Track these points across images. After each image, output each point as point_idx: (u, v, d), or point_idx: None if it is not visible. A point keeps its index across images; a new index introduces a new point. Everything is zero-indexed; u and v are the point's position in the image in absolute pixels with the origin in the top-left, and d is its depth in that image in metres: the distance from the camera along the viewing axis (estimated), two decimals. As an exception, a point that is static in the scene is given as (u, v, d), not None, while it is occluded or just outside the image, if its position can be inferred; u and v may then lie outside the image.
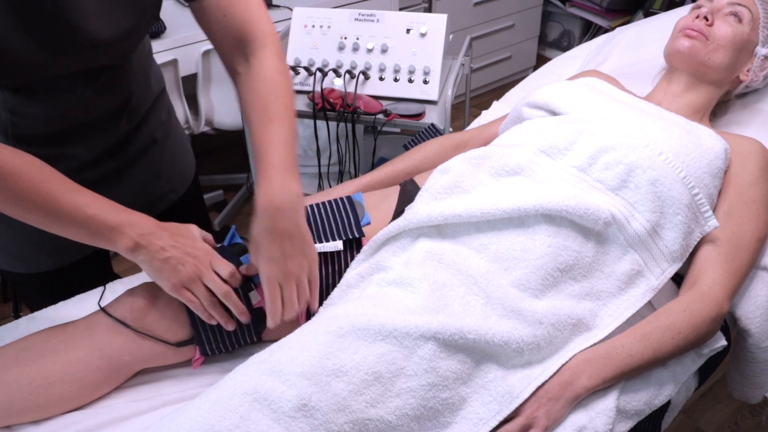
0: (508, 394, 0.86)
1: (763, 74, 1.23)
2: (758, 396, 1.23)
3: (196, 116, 2.09)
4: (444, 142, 1.28)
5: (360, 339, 0.83)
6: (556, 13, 3.51)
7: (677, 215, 0.99)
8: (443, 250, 0.95)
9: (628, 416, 0.93)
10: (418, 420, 0.83)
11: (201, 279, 0.87)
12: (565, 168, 1.03)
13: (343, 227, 1.03)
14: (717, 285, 0.98)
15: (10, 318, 1.93)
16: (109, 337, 0.93)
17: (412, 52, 1.72)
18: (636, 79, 1.38)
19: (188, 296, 0.88)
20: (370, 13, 1.76)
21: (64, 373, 0.90)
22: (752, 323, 1.07)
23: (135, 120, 1.06)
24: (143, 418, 0.91)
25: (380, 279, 0.95)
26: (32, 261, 1.06)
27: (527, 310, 0.90)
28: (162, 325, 0.94)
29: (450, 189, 1.00)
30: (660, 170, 0.99)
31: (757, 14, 1.18)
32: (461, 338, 0.84)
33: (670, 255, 0.99)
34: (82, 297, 1.09)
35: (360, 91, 1.70)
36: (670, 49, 1.21)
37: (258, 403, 0.79)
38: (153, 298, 0.95)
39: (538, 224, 0.95)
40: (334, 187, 1.22)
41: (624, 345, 0.92)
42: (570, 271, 0.95)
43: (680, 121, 1.09)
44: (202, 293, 0.88)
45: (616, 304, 0.97)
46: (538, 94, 1.19)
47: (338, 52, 1.75)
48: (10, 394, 0.88)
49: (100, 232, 0.83)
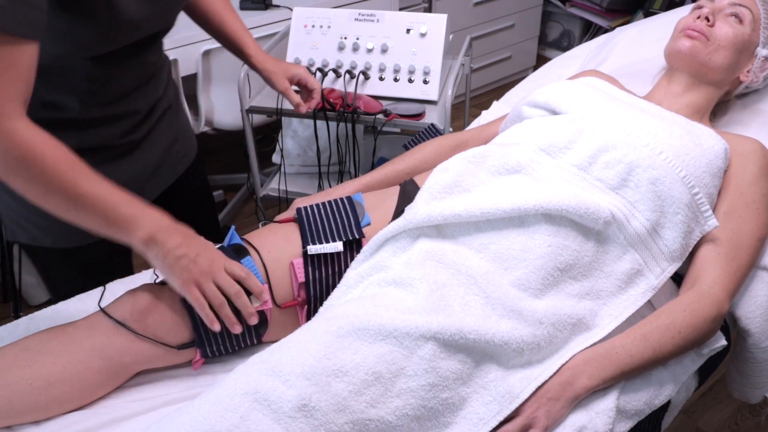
0: (508, 394, 0.86)
1: (763, 75, 1.23)
2: (758, 396, 1.23)
3: (196, 116, 2.09)
4: (444, 142, 1.28)
5: (360, 339, 0.83)
6: (556, 13, 3.51)
7: (677, 214, 0.99)
8: (443, 250, 0.95)
9: (628, 416, 0.93)
10: (419, 420, 0.83)
11: (214, 279, 0.89)
12: (565, 167, 1.03)
13: (344, 228, 1.03)
14: (717, 285, 0.98)
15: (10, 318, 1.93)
16: (110, 338, 0.93)
17: (412, 52, 1.72)
18: (636, 79, 1.38)
19: (196, 295, 0.88)
20: (370, 13, 1.76)
21: (65, 373, 0.90)
22: (752, 323, 1.07)
23: (162, 84, 1.17)
24: (143, 418, 0.91)
25: (380, 279, 0.95)
26: (59, 236, 1.08)
27: (527, 310, 0.90)
28: (163, 327, 0.94)
29: (450, 188, 1.00)
30: (660, 169, 0.99)
31: (758, 15, 1.18)
32: (461, 338, 0.84)
33: (670, 254, 0.99)
34: (81, 297, 1.09)
35: (360, 91, 1.70)
36: (671, 49, 1.21)
37: (258, 403, 0.79)
38: (154, 300, 0.95)
39: (538, 224, 0.95)
40: (334, 187, 1.22)
41: (624, 345, 0.92)
42: (570, 270, 0.95)
43: (680, 120, 1.09)
44: (212, 292, 0.88)
45: (616, 303, 0.97)
46: (539, 94, 1.19)
47: (338, 52, 1.75)
48: (11, 394, 0.88)
49: (118, 222, 0.85)
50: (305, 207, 1.08)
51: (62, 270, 1.15)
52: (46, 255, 1.11)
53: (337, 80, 1.74)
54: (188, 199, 1.30)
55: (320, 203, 1.09)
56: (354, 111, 1.64)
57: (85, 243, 1.09)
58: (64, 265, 1.13)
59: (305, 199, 1.18)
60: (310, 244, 1.00)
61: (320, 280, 1.01)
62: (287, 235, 1.05)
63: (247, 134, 1.81)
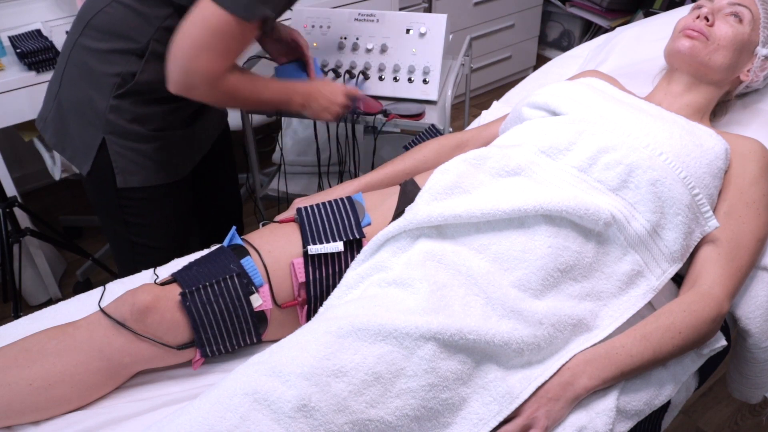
0: (508, 395, 0.86)
1: (763, 74, 1.23)
2: (758, 396, 1.23)
3: (196, 116, 2.09)
4: (444, 142, 1.28)
5: (360, 339, 0.83)
6: (556, 13, 3.51)
7: (678, 215, 0.99)
8: (443, 250, 0.95)
9: (628, 416, 0.93)
10: (418, 420, 0.83)
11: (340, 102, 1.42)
12: (565, 168, 1.03)
13: (344, 228, 1.04)
14: (717, 285, 0.98)
15: (10, 318, 1.94)
16: (109, 338, 0.93)
17: (412, 52, 1.72)
18: (636, 79, 1.38)
19: (340, 113, 1.43)
20: (370, 13, 1.76)
21: (64, 374, 0.90)
22: (752, 323, 1.07)
23: None
24: (143, 418, 0.91)
25: (380, 279, 0.95)
26: (144, 175, 1.33)
27: (527, 311, 0.90)
28: (162, 327, 0.94)
29: (450, 189, 1.00)
30: (660, 170, 0.99)
31: (758, 14, 1.18)
32: (461, 339, 0.84)
33: (670, 255, 0.99)
34: (81, 297, 1.10)
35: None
36: (671, 49, 1.21)
37: (258, 403, 0.79)
38: (154, 300, 0.94)
39: (539, 225, 0.95)
40: (334, 187, 1.22)
41: (624, 345, 0.92)
42: (570, 271, 0.95)
43: (680, 121, 1.09)
44: (344, 108, 1.43)
45: (617, 304, 0.97)
46: (539, 95, 1.19)
47: (338, 52, 1.75)
48: (11, 395, 0.88)
49: (284, 103, 1.36)
50: (305, 207, 1.08)
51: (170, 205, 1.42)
52: (158, 191, 1.37)
53: (336, 80, 1.74)
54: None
55: (320, 203, 1.09)
56: (354, 111, 1.64)
57: (171, 180, 1.39)
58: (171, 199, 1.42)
59: (305, 199, 1.18)
60: (311, 244, 1.00)
61: (320, 280, 1.01)
62: (287, 235, 1.05)
63: (247, 134, 1.81)
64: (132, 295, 0.96)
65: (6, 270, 1.84)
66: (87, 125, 1.28)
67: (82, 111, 1.28)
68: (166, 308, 0.94)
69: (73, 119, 1.30)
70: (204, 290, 0.95)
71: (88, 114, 1.27)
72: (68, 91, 1.29)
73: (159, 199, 1.38)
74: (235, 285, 0.96)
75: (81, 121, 1.29)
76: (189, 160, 1.43)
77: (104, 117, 1.26)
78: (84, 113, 1.28)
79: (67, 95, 1.30)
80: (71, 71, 1.28)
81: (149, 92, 1.26)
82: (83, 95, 1.27)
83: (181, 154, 1.39)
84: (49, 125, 1.35)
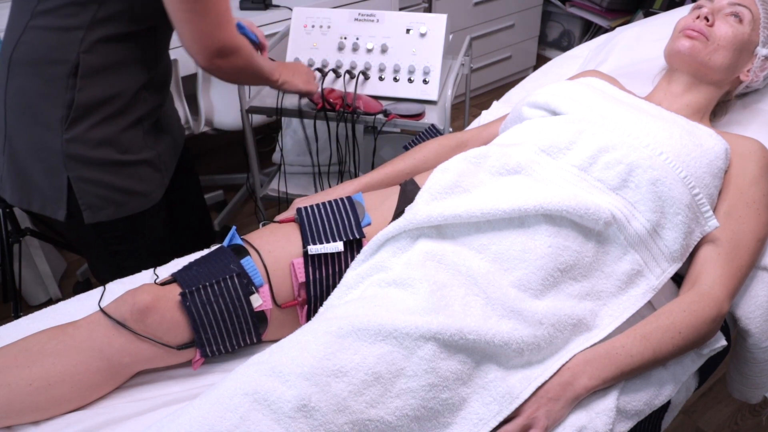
0: (508, 395, 0.86)
1: (763, 74, 1.23)
2: (758, 396, 1.23)
3: (196, 116, 2.09)
4: (444, 142, 1.28)
5: (360, 339, 0.83)
6: (556, 13, 3.51)
7: (678, 215, 0.99)
8: (443, 250, 0.95)
9: (628, 416, 0.93)
10: (418, 420, 0.83)
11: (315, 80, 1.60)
12: (565, 167, 1.03)
13: (344, 228, 1.03)
14: (717, 285, 0.98)
15: (10, 318, 1.93)
16: (109, 338, 0.93)
17: (412, 52, 1.72)
18: (636, 79, 1.38)
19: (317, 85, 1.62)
20: (370, 13, 1.76)
21: (64, 374, 0.90)
22: (752, 323, 1.07)
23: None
24: (143, 418, 0.91)
25: (380, 279, 0.95)
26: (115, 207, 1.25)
27: (527, 311, 0.90)
28: (162, 327, 0.94)
29: (450, 188, 1.00)
30: (660, 170, 0.99)
31: (758, 14, 1.18)
32: (461, 339, 0.84)
33: (670, 255, 0.99)
34: (81, 297, 1.09)
35: (360, 91, 1.70)
36: (671, 49, 1.21)
37: (258, 403, 0.79)
38: (154, 300, 0.94)
39: (539, 224, 0.95)
40: (334, 187, 1.22)
41: (624, 345, 0.92)
42: (570, 271, 0.95)
43: (680, 121, 1.09)
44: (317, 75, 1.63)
45: (617, 304, 0.97)
46: (539, 94, 1.19)
47: (338, 52, 1.75)
48: (10, 395, 0.88)
49: (267, 79, 1.41)
50: (305, 207, 1.08)
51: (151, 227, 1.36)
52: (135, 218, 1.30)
53: (336, 80, 1.74)
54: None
55: (320, 203, 1.09)
56: (354, 111, 1.64)
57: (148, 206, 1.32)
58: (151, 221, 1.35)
59: (305, 199, 1.18)
60: (311, 244, 1.00)
61: (320, 280, 1.01)
62: (287, 235, 1.05)
63: (246, 134, 1.81)
64: (132, 295, 0.96)
65: (6, 270, 1.84)
66: (48, 170, 1.17)
67: (39, 156, 1.17)
68: (166, 308, 0.94)
69: (32, 167, 1.18)
70: (204, 290, 0.95)
71: (46, 157, 1.16)
72: (17, 141, 1.18)
73: (139, 225, 1.31)
74: (235, 285, 0.96)
75: (41, 167, 1.18)
76: (159, 185, 1.32)
77: (63, 155, 1.15)
78: (42, 158, 1.17)
79: (18, 145, 1.18)
80: (13, 118, 1.17)
81: (96, 112, 1.16)
82: (35, 139, 1.16)
83: (150, 178, 1.29)
84: (5, 183, 1.24)
